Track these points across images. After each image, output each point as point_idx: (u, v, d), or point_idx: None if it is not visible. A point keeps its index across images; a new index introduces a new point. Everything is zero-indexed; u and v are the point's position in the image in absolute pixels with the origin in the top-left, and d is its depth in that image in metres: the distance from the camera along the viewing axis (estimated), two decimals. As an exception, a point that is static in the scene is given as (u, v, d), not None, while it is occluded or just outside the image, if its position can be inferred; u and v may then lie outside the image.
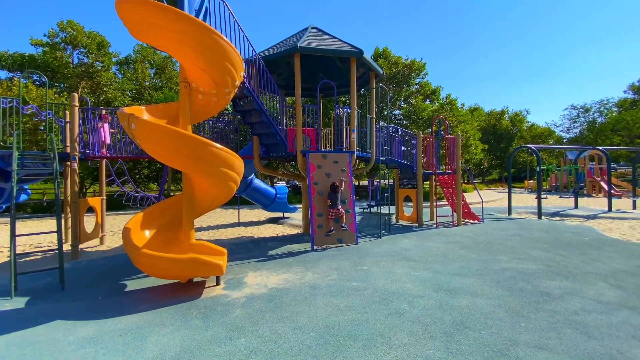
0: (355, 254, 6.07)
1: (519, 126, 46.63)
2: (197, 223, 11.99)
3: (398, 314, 3.42)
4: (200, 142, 4.16)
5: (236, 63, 4.73)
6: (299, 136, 7.10)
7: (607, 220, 10.32)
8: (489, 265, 5.20)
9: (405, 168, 9.93)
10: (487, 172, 52.03)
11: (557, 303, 3.63)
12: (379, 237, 7.68)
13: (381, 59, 23.19)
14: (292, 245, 7.20)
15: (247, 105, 6.59)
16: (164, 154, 4.18)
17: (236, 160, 4.64)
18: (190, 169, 4.36)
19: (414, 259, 5.63)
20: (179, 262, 4.12)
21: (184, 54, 4.35)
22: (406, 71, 23.28)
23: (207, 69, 4.47)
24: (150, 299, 4.15)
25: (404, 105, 24.05)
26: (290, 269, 5.25)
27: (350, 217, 7.02)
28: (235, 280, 4.77)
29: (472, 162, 27.78)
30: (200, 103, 5.00)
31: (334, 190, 6.78)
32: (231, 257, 6.24)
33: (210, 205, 5.12)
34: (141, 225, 4.83)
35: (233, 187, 4.83)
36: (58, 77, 18.72)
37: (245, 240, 8.20)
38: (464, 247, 6.47)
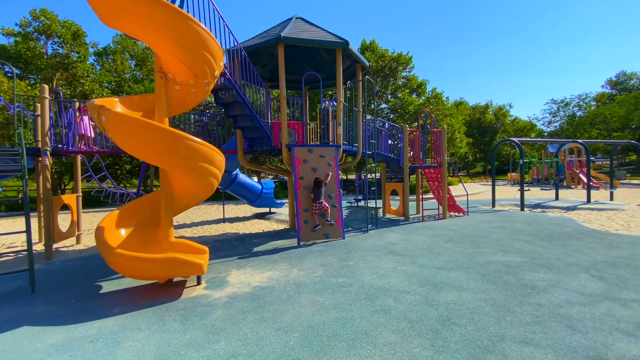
0: (342, 249, 5.99)
1: (502, 120, 47.51)
2: (181, 219, 11.69)
3: (384, 310, 3.35)
4: (177, 135, 3.94)
5: (215, 52, 4.50)
6: (283, 130, 6.92)
7: (586, 212, 10.60)
8: (475, 258, 5.21)
9: (392, 162, 9.89)
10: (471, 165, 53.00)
11: (541, 296, 3.63)
12: (365, 231, 7.63)
13: (368, 52, 23.03)
14: (278, 241, 7.06)
15: (229, 97, 6.35)
16: (138, 148, 3.94)
17: (216, 154, 4.45)
18: (167, 164, 4.15)
19: (401, 253, 5.59)
20: (155, 262, 3.92)
21: (158, 41, 4.10)
22: (393, 64, 23.22)
23: (183, 58, 4.23)
24: (126, 301, 3.95)
25: (390, 99, 24.05)
26: (275, 266, 5.12)
27: (337, 211, 6.93)
28: (217, 279, 4.61)
29: (457, 156, 28.16)
30: (177, 94, 4.75)
31: (318, 186, 6.66)
32: (214, 254, 6.07)
33: (189, 202, 4.92)
34: (116, 224, 4.59)
35: (214, 182, 4.64)
36: (32, 69, 17.77)
37: (230, 236, 8.01)
38: (449, 241, 6.48)
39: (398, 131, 10.09)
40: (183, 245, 4.68)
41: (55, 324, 3.43)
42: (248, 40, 7.57)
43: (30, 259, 4.53)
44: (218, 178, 4.69)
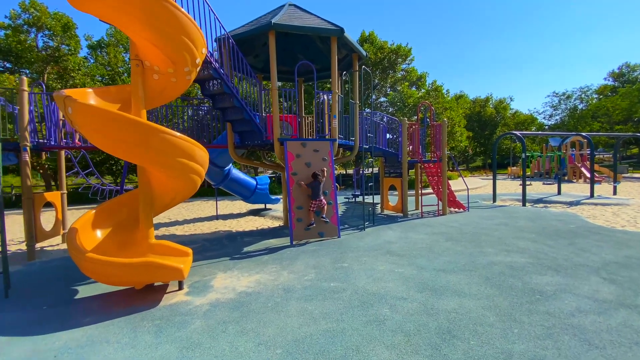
0: (337, 249, 5.68)
1: (502, 113, 46.95)
2: (173, 216, 11.38)
3: (378, 321, 3.04)
4: (151, 128, 3.59)
5: (195, 38, 4.13)
6: (275, 122, 6.56)
7: (590, 207, 10.29)
8: (477, 259, 4.90)
9: (390, 156, 9.55)
10: (471, 160, 52.62)
11: (550, 303, 3.33)
12: (362, 229, 7.32)
13: (367, 43, 22.51)
14: (271, 240, 6.76)
15: (216, 88, 5.98)
16: (109, 143, 3.60)
17: (197, 149, 4.11)
18: (142, 160, 3.81)
19: (398, 254, 5.28)
20: (130, 267, 3.61)
21: (130, 25, 3.73)
22: (392, 57, 22.71)
23: (159, 43, 3.86)
24: (101, 309, 3.65)
25: (390, 92, 23.59)
26: (264, 269, 4.82)
27: (332, 209, 6.61)
28: (201, 284, 4.30)
29: (457, 150, 27.79)
30: (156, 84, 4.39)
31: (316, 180, 6.33)
32: (202, 255, 5.76)
33: (171, 201, 4.59)
34: (93, 224, 4.27)
35: (196, 180, 4.30)
36: (22, 63, 17.30)
37: (221, 235, 7.70)
38: (450, 239, 6.17)
39: (397, 124, 9.72)
40: (164, 247, 4.36)
41: (22, 334, 3.14)
42: (238, 29, 7.17)
43: (5, 262, 4.21)
44: (201, 175, 4.36)
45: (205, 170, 4.56)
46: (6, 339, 3.10)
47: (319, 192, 6.33)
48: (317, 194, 6.31)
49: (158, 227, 9.34)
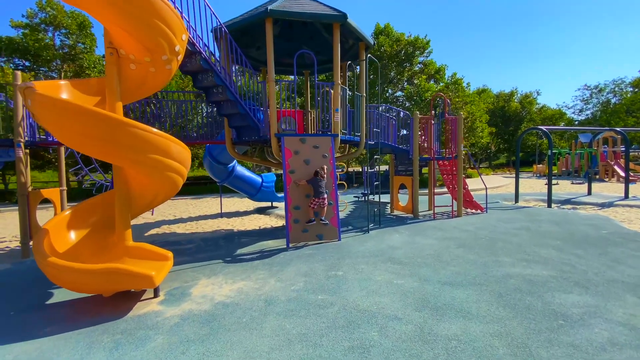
0: (334, 254, 5.22)
1: (528, 108, 44.55)
2: (178, 213, 11.25)
3: (362, 348, 2.58)
4: (117, 122, 3.26)
5: (172, 23, 3.75)
6: (272, 117, 6.15)
7: (624, 209, 9.29)
8: (490, 270, 4.31)
9: (401, 153, 8.94)
10: (494, 157, 50.44)
11: (576, 331, 2.74)
12: (366, 231, 6.81)
13: (382, 36, 21.72)
14: (268, 241, 6.38)
15: (207, 80, 5.63)
16: (72, 137, 3.29)
17: (174, 145, 3.75)
18: (111, 157, 3.49)
19: (401, 261, 4.76)
20: (92, 274, 3.30)
21: (97, 10, 3.39)
22: (409, 49, 21.79)
23: (130, 29, 3.51)
24: (67, 317, 3.38)
25: (406, 85, 22.70)
26: (252, 274, 4.43)
27: (332, 209, 6.14)
28: (179, 291, 3.97)
29: (478, 146, 26.52)
30: (134, 75, 4.06)
31: (317, 176, 5.89)
32: (193, 256, 5.46)
33: (151, 201, 4.29)
34: (68, 225, 4.02)
35: (175, 178, 3.96)
36: (40, 61, 17.76)
37: (220, 234, 7.41)
38: (461, 245, 5.58)
39: (408, 118, 9.09)
40: (142, 251, 4.06)
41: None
42: (235, 18, 6.79)
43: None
44: (180, 172, 4.01)
45: (187, 167, 4.22)
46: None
47: (320, 190, 5.88)
48: (318, 191, 5.87)
49: (160, 224, 9.20)
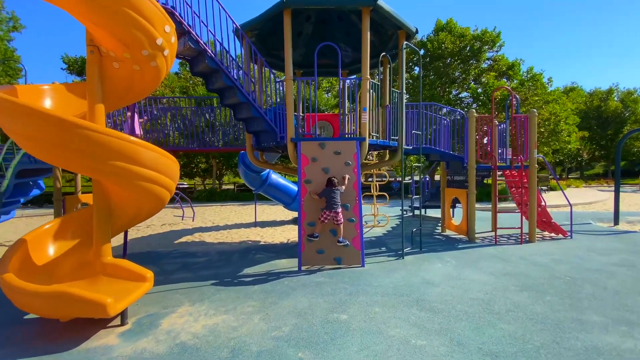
0: (348, 286, 4.20)
1: (632, 107, 36.61)
2: (219, 220, 11.23)
3: None
4: (69, 124, 2.82)
5: (148, 12, 3.27)
6: (289, 119, 5.41)
7: None
8: (566, 336, 2.86)
9: (453, 160, 7.46)
10: (587, 166, 42.63)
11: None
12: (400, 256, 5.59)
13: (444, 32, 19.76)
14: (282, 260, 5.61)
15: (218, 82, 5.16)
16: (26, 142, 2.96)
17: (144, 151, 3.24)
18: (66, 164, 3.11)
19: (433, 307, 3.53)
20: (42, 296, 2.89)
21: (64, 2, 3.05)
22: (475, 44, 19.41)
23: (97, 19, 3.12)
24: (24, 339, 3.03)
25: (472, 84, 20.21)
26: (240, 305, 3.68)
27: (355, 228, 5.11)
28: (151, 319, 3.40)
29: (564, 153, 22.34)
30: (119, 75, 3.69)
31: (332, 186, 4.97)
32: (195, 274, 4.97)
33: (136, 215, 3.84)
34: (54, 236, 3.79)
35: (152, 189, 3.45)
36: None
37: (240, 248, 6.89)
38: (526, 287, 4.06)
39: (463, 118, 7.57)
40: (119, 269, 3.59)
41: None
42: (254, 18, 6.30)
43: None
44: (159, 182, 3.49)
45: (170, 177, 3.70)
46: None
47: (333, 202, 4.94)
48: (331, 203, 4.93)
49: (195, 231, 9.15)
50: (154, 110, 7.90)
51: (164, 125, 7.83)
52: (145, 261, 5.82)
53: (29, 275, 3.33)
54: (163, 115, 8.08)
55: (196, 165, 25.63)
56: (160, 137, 7.69)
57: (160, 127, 7.82)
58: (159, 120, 7.95)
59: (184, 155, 22.96)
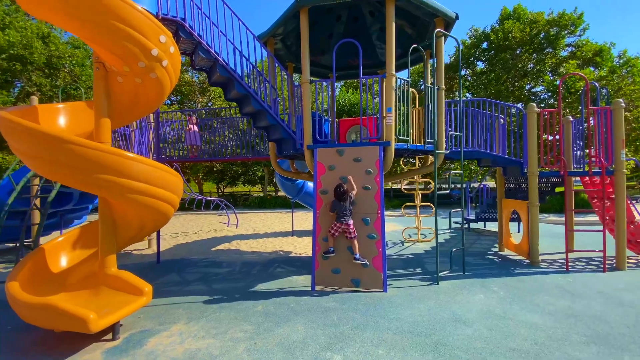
0: (357, 316, 3.60)
1: None
2: (261, 228, 11.33)
3: None
4: (53, 138, 2.86)
5: (139, 24, 3.23)
6: (306, 125, 5.04)
7: None
8: None
9: (510, 165, 6.25)
10: None
11: None
12: (434, 281, 4.73)
13: (510, 20, 17.50)
14: (299, 277, 5.21)
15: (233, 91, 5.04)
16: (24, 158, 3.08)
17: (131, 163, 3.17)
18: (58, 178, 3.21)
19: (454, 356, 2.76)
20: (32, 308, 2.96)
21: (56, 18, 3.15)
22: (551, 30, 16.74)
23: (88, 35, 3.17)
24: (26, 346, 3.15)
25: (546, 76, 17.44)
26: (230, 330, 3.38)
27: (376, 246, 4.47)
28: (140, 337, 3.29)
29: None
30: (124, 90, 3.74)
31: (340, 196, 4.45)
32: (209, 286, 4.88)
33: (141, 228, 3.83)
34: (69, 246, 4.01)
35: (145, 201, 3.38)
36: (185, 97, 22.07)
37: (268, 259, 6.68)
38: (598, 339, 2.98)
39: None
40: (119, 281, 3.59)
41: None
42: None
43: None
44: (153, 195, 3.41)
45: (168, 189, 3.61)
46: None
47: (345, 213, 4.43)
48: (340, 214, 4.43)
49: (234, 239, 9.32)
50: (211, 122, 8.27)
51: (221, 137, 8.11)
52: (173, 269, 5.97)
53: (40, 284, 3.51)
54: (220, 127, 8.35)
55: (253, 174, 26.89)
56: (217, 148, 7.96)
57: (217, 139, 8.11)
58: (216, 133, 8.25)
59: (242, 164, 24.35)
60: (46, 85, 15.12)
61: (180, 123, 8.35)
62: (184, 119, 8.53)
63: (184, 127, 8.08)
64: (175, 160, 7.73)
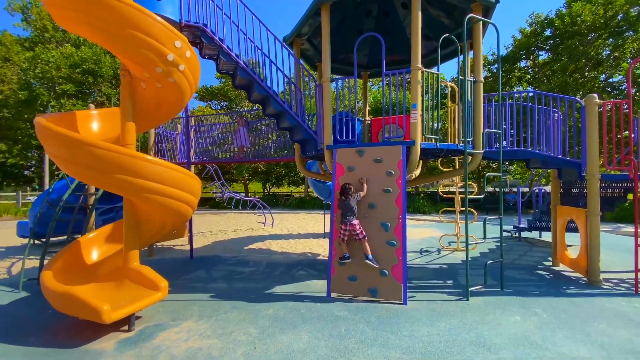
0: (367, 330, 3.34)
1: None
2: (291, 228, 11.39)
3: None
4: (75, 141, 3.10)
5: (154, 31, 3.38)
6: (326, 123, 4.89)
7: None
8: None
9: (565, 167, 5.40)
10: None
11: None
12: (464, 297, 4.23)
13: (580, 1, 15.40)
14: (320, 281, 5.04)
15: (255, 93, 5.08)
16: (52, 158, 3.39)
17: (145, 164, 3.32)
18: (81, 177, 3.43)
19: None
20: (56, 295, 3.23)
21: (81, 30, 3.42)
22: (631, 11, 14.35)
23: (108, 44, 3.39)
24: (59, 331, 3.45)
25: (626, 64, 14.98)
26: (235, 331, 3.36)
27: (396, 254, 4.13)
28: (153, 330, 3.43)
29: None
30: (147, 95, 3.96)
31: (345, 195, 4.24)
32: (229, 286, 4.98)
33: (162, 227, 4.02)
34: (106, 238, 4.36)
35: (159, 200, 3.53)
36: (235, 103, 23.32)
37: (293, 261, 6.65)
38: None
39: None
40: (139, 275, 3.78)
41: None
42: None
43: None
44: (169, 195, 3.54)
45: (184, 190, 3.73)
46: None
47: (346, 212, 4.23)
48: (344, 214, 4.24)
49: (267, 238, 9.49)
50: (257, 124, 8.58)
51: (264, 139, 8.37)
52: (202, 266, 6.22)
53: (74, 274, 3.85)
54: (265, 129, 8.60)
55: (296, 174, 27.40)
56: (260, 150, 8.23)
57: (261, 141, 8.38)
58: (262, 135, 8.52)
59: (284, 165, 24.96)
60: (114, 95, 17.08)
61: (227, 126, 8.70)
62: (226, 121, 8.93)
63: (231, 130, 8.44)
64: (207, 162, 8.02)
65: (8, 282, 5.19)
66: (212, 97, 23.28)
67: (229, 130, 8.57)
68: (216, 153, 8.71)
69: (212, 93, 23.12)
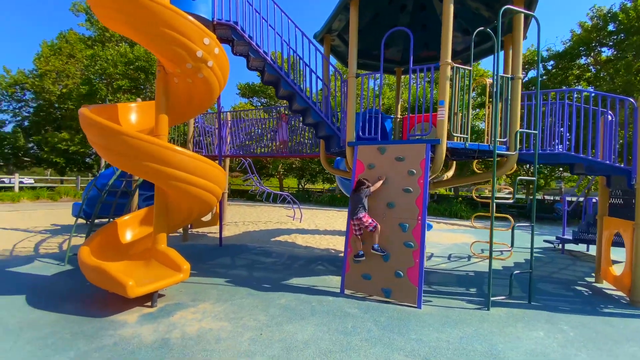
0: (374, 329, 3.31)
1: None
2: (320, 223, 11.46)
3: None
4: (111, 130, 3.42)
5: (185, 29, 3.61)
6: (349, 119, 4.87)
7: None
8: None
9: (614, 174, 4.86)
10: None
11: None
12: (485, 306, 4.00)
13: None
14: (336, 277, 5.05)
15: (281, 90, 5.19)
16: (93, 145, 3.76)
17: (173, 154, 3.58)
18: (116, 163, 3.77)
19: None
20: (89, 269, 3.59)
21: (121, 29, 3.73)
22: None
23: (144, 42, 3.68)
24: (94, 301, 3.83)
25: None
26: (246, 317, 3.51)
27: (413, 256, 4.02)
28: (172, 308, 3.69)
29: None
30: (180, 89, 4.24)
31: (359, 189, 4.25)
32: (249, 274, 5.19)
33: (189, 213, 4.32)
34: (141, 221, 4.75)
35: (185, 188, 3.80)
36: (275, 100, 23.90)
37: (315, 255, 6.73)
38: None
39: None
40: (165, 257, 4.09)
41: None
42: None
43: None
44: (192, 182, 3.79)
45: (209, 179, 3.97)
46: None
47: (361, 206, 4.22)
48: (358, 208, 4.21)
49: (294, 232, 9.66)
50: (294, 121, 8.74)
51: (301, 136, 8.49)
52: (228, 253, 6.54)
53: (109, 252, 4.25)
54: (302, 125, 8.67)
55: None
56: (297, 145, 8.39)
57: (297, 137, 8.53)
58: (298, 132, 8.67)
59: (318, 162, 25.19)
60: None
61: (266, 121, 8.94)
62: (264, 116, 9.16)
63: (270, 125, 8.67)
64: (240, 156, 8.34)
65: (57, 256, 5.86)
66: (254, 93, 24.05)
67: (270, 126, 8.79)
68: (253, 148, 8.98)
69: (254, 90, 23.89)
